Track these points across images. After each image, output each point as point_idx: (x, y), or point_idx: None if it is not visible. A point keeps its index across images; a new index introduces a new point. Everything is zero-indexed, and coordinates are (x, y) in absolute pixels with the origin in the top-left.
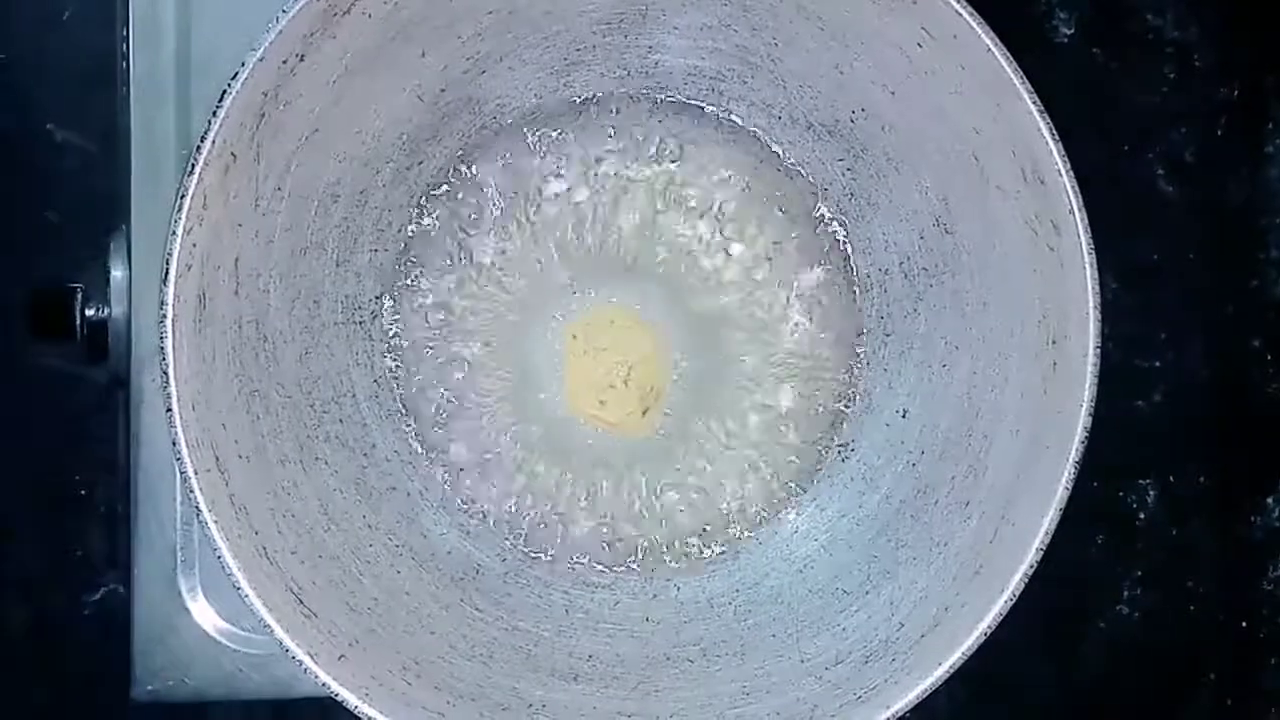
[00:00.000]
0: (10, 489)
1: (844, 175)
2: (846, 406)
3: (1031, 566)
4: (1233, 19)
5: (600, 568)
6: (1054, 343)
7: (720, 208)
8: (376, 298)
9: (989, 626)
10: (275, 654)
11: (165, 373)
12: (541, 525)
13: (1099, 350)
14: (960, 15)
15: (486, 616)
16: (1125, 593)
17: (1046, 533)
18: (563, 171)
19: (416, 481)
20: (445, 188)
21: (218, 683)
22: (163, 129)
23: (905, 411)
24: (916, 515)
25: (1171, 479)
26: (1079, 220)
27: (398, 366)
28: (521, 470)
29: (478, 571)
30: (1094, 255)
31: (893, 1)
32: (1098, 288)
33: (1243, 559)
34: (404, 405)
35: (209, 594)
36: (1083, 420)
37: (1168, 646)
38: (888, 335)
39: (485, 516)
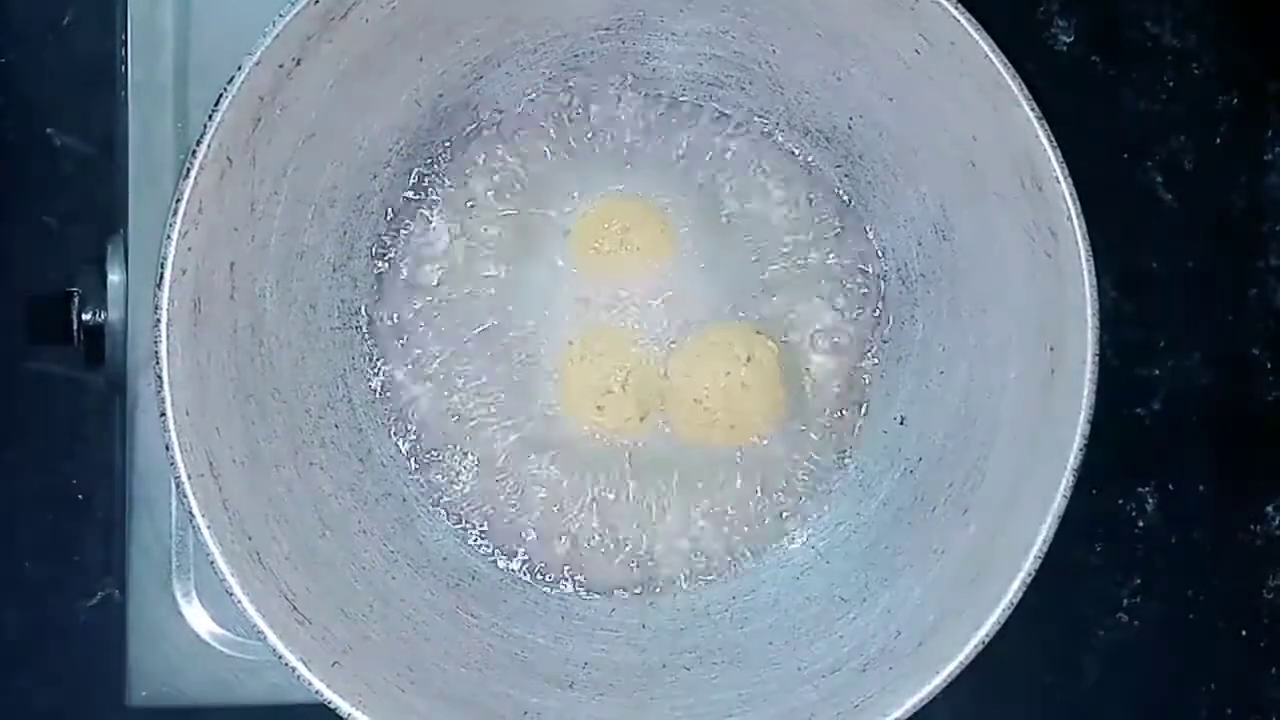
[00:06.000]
0: (8, 494)
1: (842, 181)
2: (844, 413)
3: (1030, 574)
4: (1232, 26)
5: (597, 574)
6: (1052, 350)
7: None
8: (374, 302)
9: (987, 634)
10: (270, 660)
11: (159, 377)
12: (538, 531)
13: (1097, 358)
14: (958, 21)
15: (482, 623)
16: (1125, 601)
17: (1045, 540)
18: (561, 176)
19: (412, 487)
20: (443, 191)
21: (212, 688)
22: (161, 134)
23: (903, 419)
24: (914, 523)
25: (1171, 487)
26: (1077, 227)
27: (394, 371)
28: (519, 476)
29: (474, 578)
30: (1092, 262)
31: (891, 8)
32: (1096, 295)
33: (1243, 567)
34: (400, 410)
35: (204, 599)
36: (1081, 428)
37: (1168, 655)
38: (885, 342)
39: (481, 522)
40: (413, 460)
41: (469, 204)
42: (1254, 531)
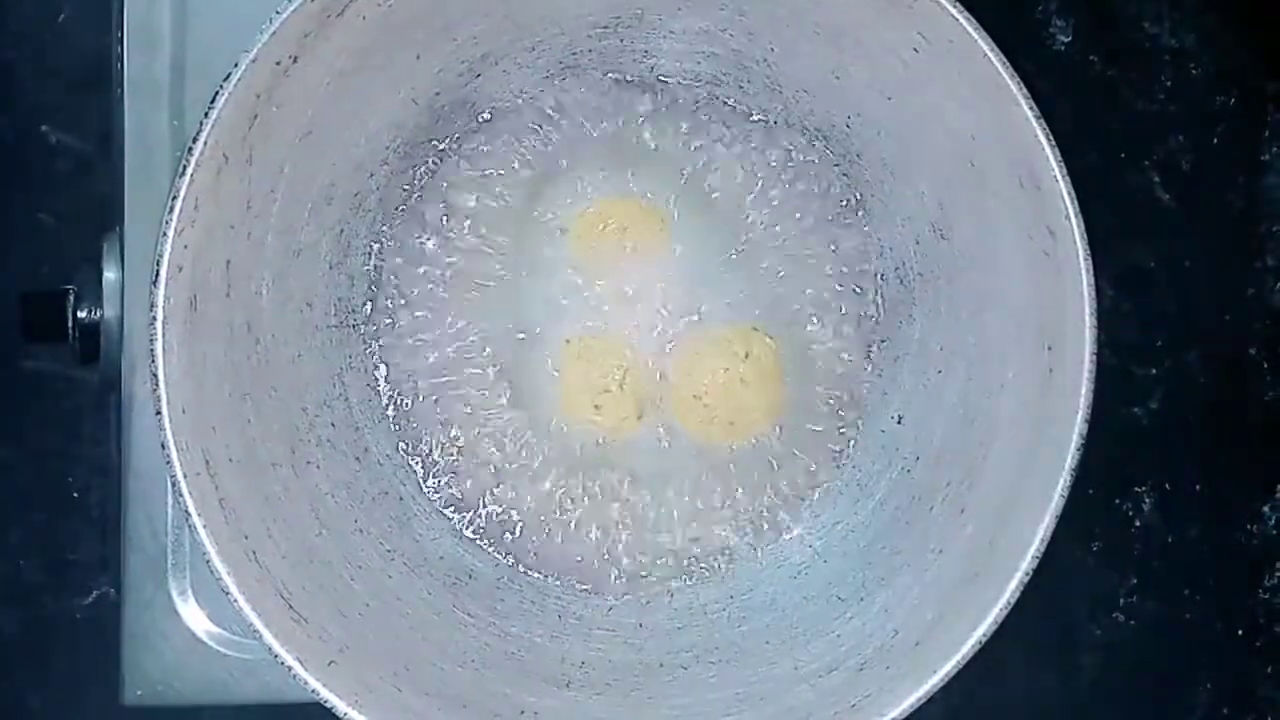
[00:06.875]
0: (3, 492)
1: (840, 180)
2: (841, 413)
3: (1027, 574)
4: (1230, 26)
5: (593, 573)
6: (1050, 349)
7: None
8: (370, 300)
9: (984, 634)
10: (266, 659)
11: (155, 375)
12: (535, 530)
13: (1095, 357)
14: (957, 20)
15: (479, 622)
16: (1122, 600)
17: (1043, 540)
18: (559, 175)
19: (409, 486)
20: (440, 190)
21: (208, 688)
22: (157, 131)
23: (900, 418)
24: (912, 522)
25: (1168, 487)
26: (1075, 227)
27: (391, 370)
28: (516, 475)
29: (470, 577)
30: (1090, 262)
31: (889, 6)
32: (1094, 294)
33: (1239, 567)
34: (397, 409)
35: (200, 598)
36: (1079, 427)
37: (1164, 655)
38: (883, 341)
39: (478, 522)
40: (410, 459)
41: (466, 203)
42: (1250, 531)
